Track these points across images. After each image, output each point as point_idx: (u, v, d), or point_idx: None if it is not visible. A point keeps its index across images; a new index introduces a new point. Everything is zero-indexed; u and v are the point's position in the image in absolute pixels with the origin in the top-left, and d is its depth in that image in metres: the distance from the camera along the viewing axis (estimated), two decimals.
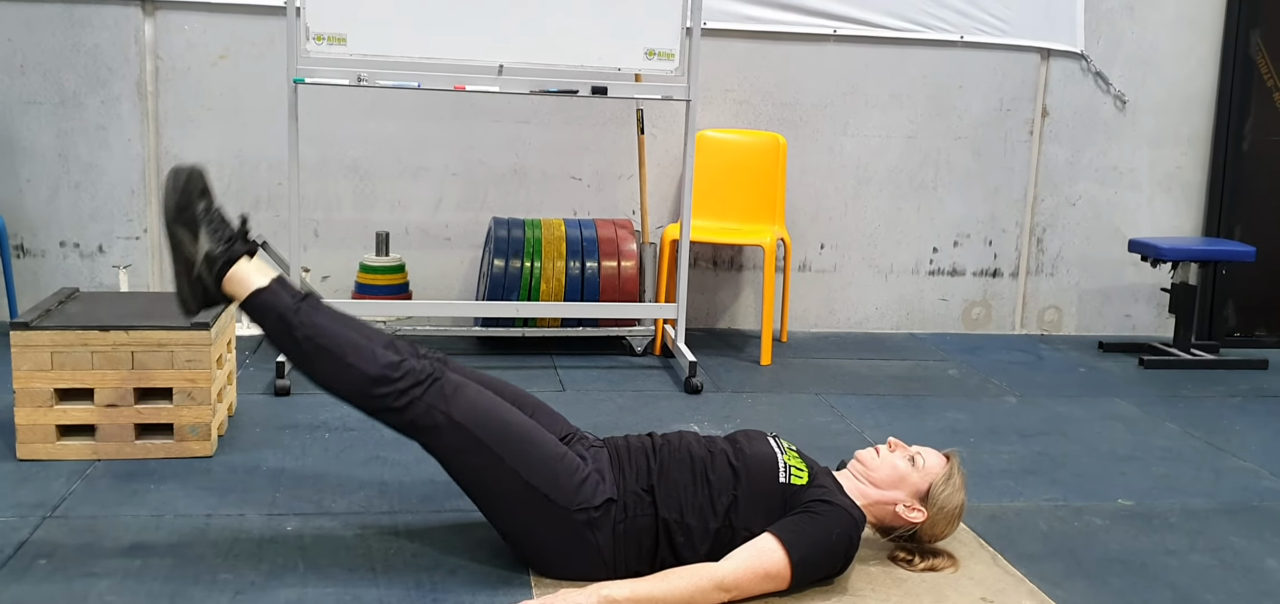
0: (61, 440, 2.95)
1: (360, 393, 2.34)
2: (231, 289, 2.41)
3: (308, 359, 2.36)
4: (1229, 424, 3.85)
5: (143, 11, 4.36)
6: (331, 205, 4.60)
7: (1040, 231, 5.17)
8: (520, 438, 2.33)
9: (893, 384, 4.17)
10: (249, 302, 2.40)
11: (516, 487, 2.29)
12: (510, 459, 2.30)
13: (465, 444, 2.31)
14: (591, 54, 3.87)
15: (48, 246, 4.47)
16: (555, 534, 2.30)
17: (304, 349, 2.36)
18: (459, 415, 2.31)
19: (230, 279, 2.41)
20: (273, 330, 2.39)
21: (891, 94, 4.91)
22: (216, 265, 2.40)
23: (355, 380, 2.33)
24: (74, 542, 2.45)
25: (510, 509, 2.33)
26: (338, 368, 2.34)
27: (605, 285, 4.28)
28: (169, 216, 2.39)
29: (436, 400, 2.32)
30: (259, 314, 2.40)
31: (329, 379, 2.36)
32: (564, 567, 2.34)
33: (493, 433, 2.32)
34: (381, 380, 2.32)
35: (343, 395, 2.37)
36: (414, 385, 2.32)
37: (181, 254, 2.41)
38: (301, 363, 2.38)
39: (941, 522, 2.46)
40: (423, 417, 2.32)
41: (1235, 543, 2.77)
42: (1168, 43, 5.08)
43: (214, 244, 2.41)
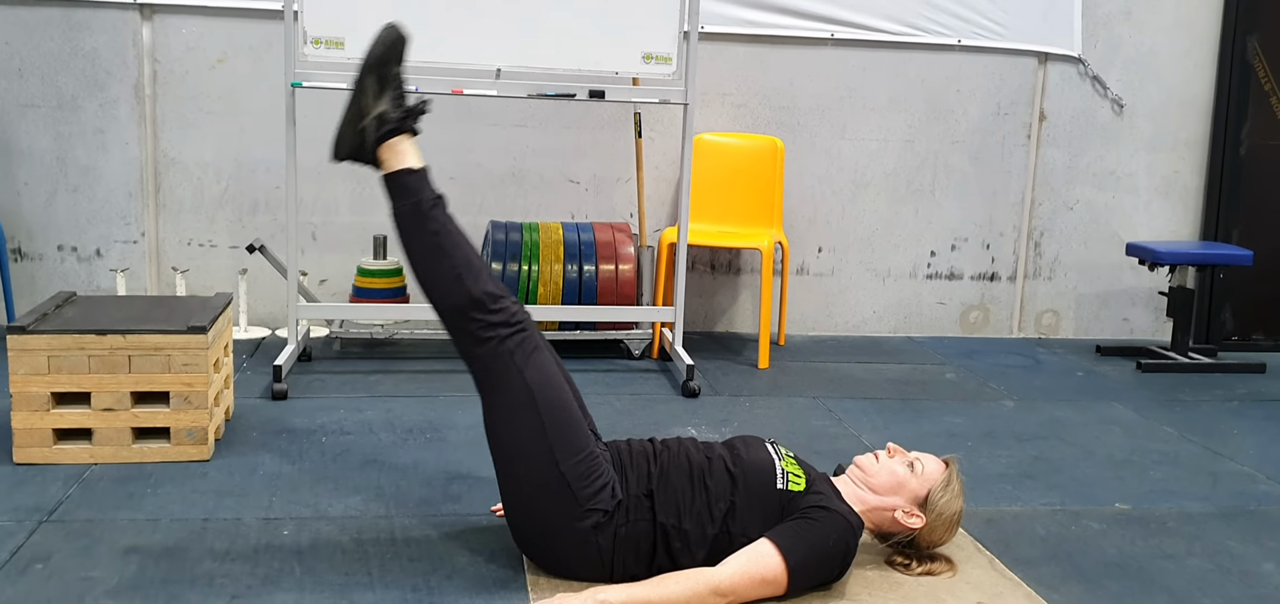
0: (58, 444, 2.94)
1: (456, 308, 2.35)
2: (386, 155, 2.43)
3: (424, 255, 2.38)
4: (1226, 428, 3.85)
5: (141, 15, 4.36)
6: (329, 209, 4.60)
7: (1038, 235, 5.17)
8: (569, 423, 2.33)
9: (890, 388, 4.17)
10: (395, 176, 2.42)
11: (547, 467, 2.29)
12: (552, 437, 2.30)
13: (522, 404, 2.31)
14: (589, 58, 3.87)
15: (45, 250, 4.47)
16: (565, 527, 2.30)
17: (426, 243, 2.38)
18: (529, 375, 2.32)
19: (389, 147, 2.43)
20: (404, 213, 2.41)
21: (889, 98, 4.92)
22: (385, 127, 2.43)
23: (458, 293, 2.35)
24: (71, 546, 2.45)
25: (530, 484, 2.32)
26: (448, 275, 2.36)
27: (603, 289, 4.28)
28: (368, 62, 2.42)
29: (516, 349, 2.33)
30: (399, 192, 2.42)
31: (435, 281, 2.38)
32: (564, 562, 2.34)
33: (549, 406, 2.32)
34: (480, 305, 2.34)
35: (439, 302, 2.38)
36: (504, 325, 2.34)
37: (359, 103, 2.44)
38: (417, 256, 2.40)
39: (940, 528, 2.46)
40: (498, 359, 2.33)
41: (1232, 547, 2.77)
42: (1165, 47, 5.08)
43: (392, 108, 2.44)
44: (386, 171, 2.44)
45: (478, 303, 2.34)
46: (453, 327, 2.37)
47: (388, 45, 2.43)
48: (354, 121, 2.44)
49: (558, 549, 2.33)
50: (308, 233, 4.60)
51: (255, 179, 4.53)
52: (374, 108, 2.43)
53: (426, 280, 2.39)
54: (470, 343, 2.35)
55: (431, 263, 2.38)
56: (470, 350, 2.36)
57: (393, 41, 2.44)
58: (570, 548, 2.32)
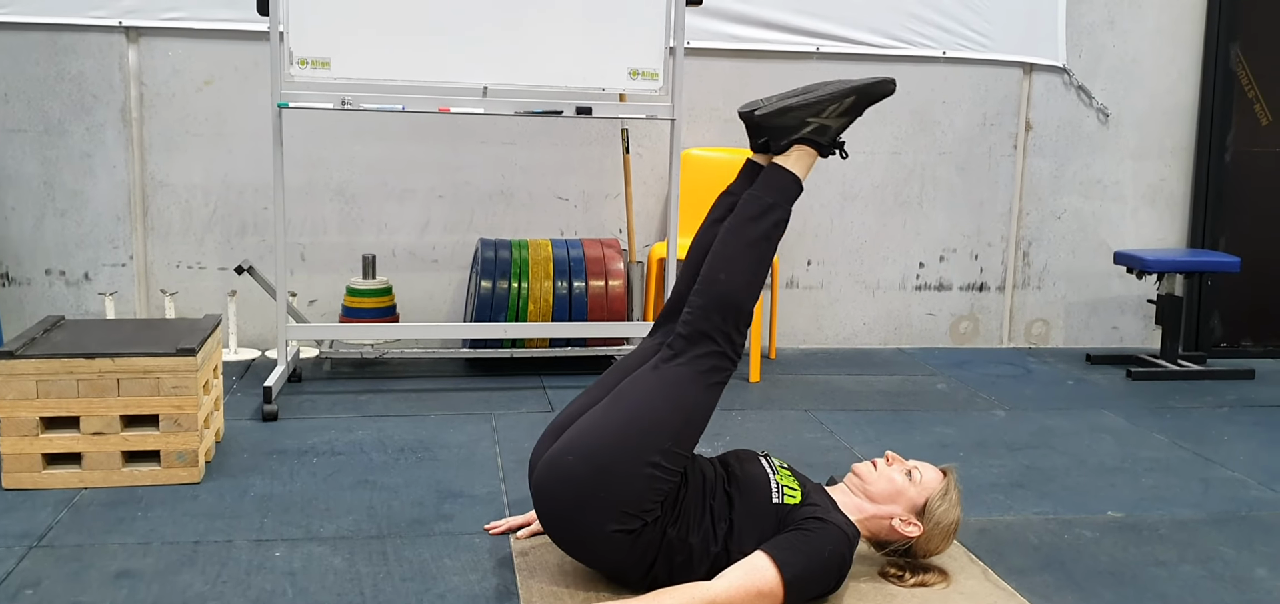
0: (48, 469, 2.93)
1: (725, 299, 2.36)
2: (796, 152, 2.51)
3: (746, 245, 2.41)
4: (1217, 434, 3.86)
5: (127, 38, 4.35)
6: (318, 229, 4.60)
7: (1026, 245, 5.19)
8: (686, 446, 2.34)
9: (881, 399, 4.18)
10: (785, 173, 2.48)
11: (645, 454, 2.26)
12: (670, 445, 2.29)
13: (679, 405, 2.32)
14: (576, 74, 3.88)
15: (33, 275, 4.45)
16: (606, 512, 2.25)
17: (757, 240, 2.43)
18: (707, 396, 2.35)
19: (804, 150, 2.51)
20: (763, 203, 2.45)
21: (875, 110, 4.92)
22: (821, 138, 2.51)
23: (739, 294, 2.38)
24: (61, 571, 2.44)
25: (617, 461, 2.26)
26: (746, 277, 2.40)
27: (593, 305, 4.28)
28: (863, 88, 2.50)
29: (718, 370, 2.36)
30: (776, 184, 2.47)
31: (734, 268, 2.39)
32: (578, 545, 2.32)
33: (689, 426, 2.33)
34: (739, 319, 2.38)
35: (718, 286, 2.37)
36: (734, 348, 2.39)
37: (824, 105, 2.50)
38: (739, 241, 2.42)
39: (937, 537, 2.46)
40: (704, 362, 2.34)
41: (1225, 553, 2.78)
42: (1149, 56, 5.11)
43: (836, 131, 2.53)
44: (783, 163, 2.49)
45: (741, 316, 2.37)
46: (704, 307, 2.37)
47: (883, 92, 2.52)
48: (808, 110, 2.49)
49: (584, 525, 2.28)
50: (296, 253, 4.59)
51: (243, 200, 4.53)
52: (831, 119, 2.50)
53: (727, 263, 2.39)
54: (700, 331, 2.35)
55: (747, 257, 2.40)
56: (693, 335, 2.36)
57: (886, 91, 2.52)
58: (595, 531, 2.27)
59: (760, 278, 2.41)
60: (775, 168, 2.50)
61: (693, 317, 2.37)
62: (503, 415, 3.76)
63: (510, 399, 3.97)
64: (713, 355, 2.35)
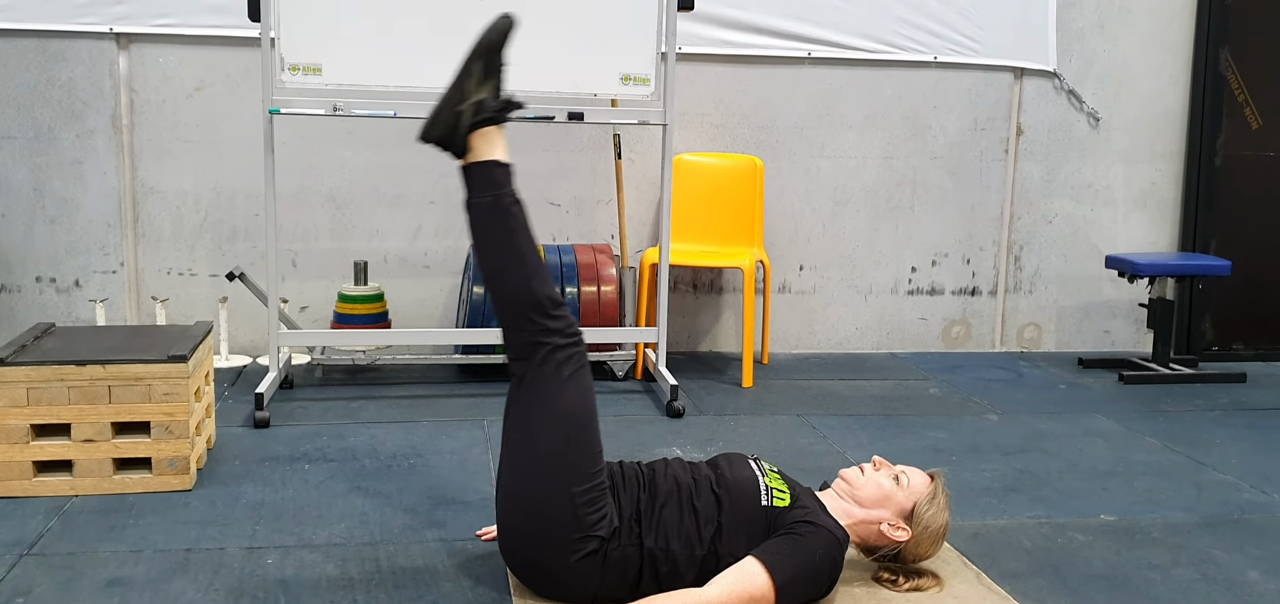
0: (38, 477, 2.92)
1: (519, 305, 2.33)
2: (476, 143, 2.41)
3: (498, 250, 2.37)
4: (1209, 438, 3.87)
5: (117, 45, 4.34)
6: (309, 235, 4.59)
7: (1017, 249, 5.20)
8: (590, 448, 2.32)
9: (874, 404, 4.18)
10: (482, 165, 2.41)
11: (559, 486, 2.26)
12: (572, 458, 2.28)
13: (555, 417, 2.30)
14: (567, 80, 3.88)
15: (23, 282, 4.44)
16: (559, 548, 2.27)
17: (501, 238, 2.37)
18: (569, 391, 2.31)
19: (481, 135, 2.42)
20: (483, 206, 2.39)
21: (867, 115, 4.94)
22: (482, 115, 2.41)
23: (524, 291, 2.33)
24: (52, 579, 2.42)
25: (539, 500, 2.28)
26: (519, 272, 2.34)
27: (585, 310, 4.27)
28: (479, 46, 2.41)
29: (565, 361, 2.32)
30: (481, 183, 2.40)
31: (503, 276, 2.36)
32: (550, 582, 2.32)
33: (579, 428, 2.30)
34: (542, 307, 2.33)
35: (505, 297, 2.35)
36: (560, 333, 2.33)
37: (461, 85, 2.41)
38: (490, 249, 2.38)
39: (926, 541, 2.46)
40: (547, 364, 2.31)
41: (1218, 556, 2.78)
42: (1139, 60, 5.13)
43: (492, 97, 2.43)
44: (473, 160, 2.42)
45: (540, 305, 2.33)
46: (512, 324, 2.35)
47: (501, 32, 2.42)
48: (453, 103, 2.42)
49: (547, 567, 2.31)
50: (288, 260, 4.58)
51: (234, 207, 4.52)
52: (475, 93, 2.42)
53: (495, 275, 2.37)
54: (524, 341, 2.34)
55: (504, 259, 2.36)
56: (522, 348, 2.34)
57: (505, 30, 2.43)
58: (560, 568, 2.29)
59: (528, 264, 2.36)
60: (471, 168, 2.43)
61: (508, 336, 2.37)
62: (495, 421, 3.75)
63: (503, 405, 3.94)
64: (549, 353, 2.33)
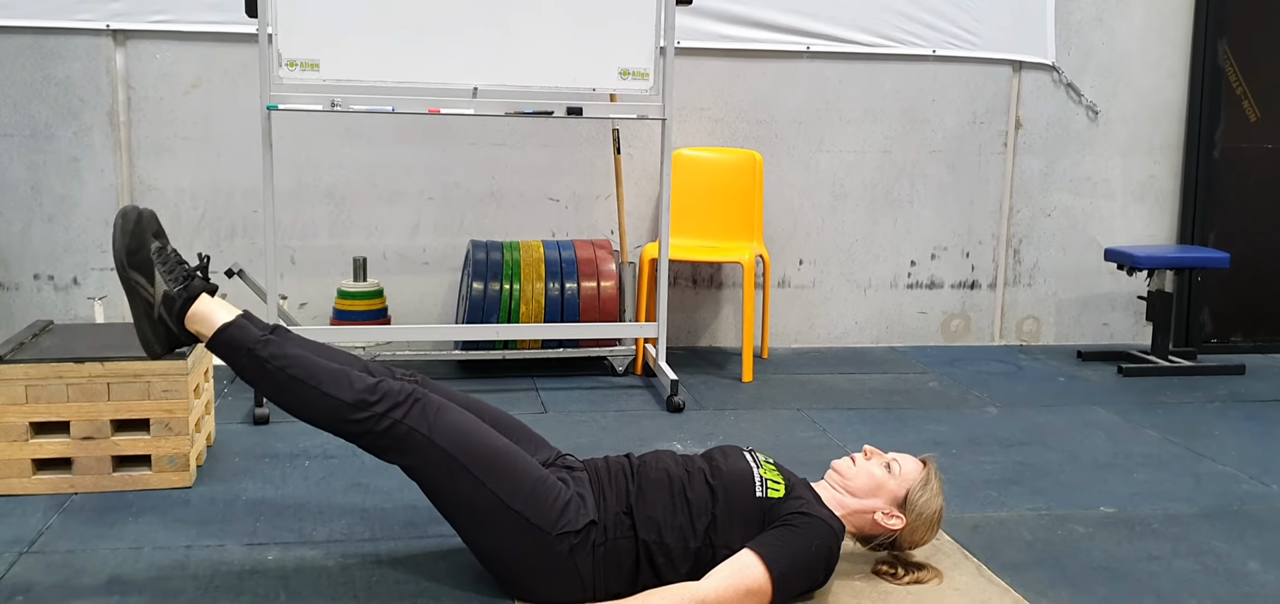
0: (37, 474, 2.91)
1: (339, 419, 2.31)
2: (195, 327, 2.39)
3: (282, 391, 2.34)
4: (1208, 429, 3.87)
5: (114, 41, 4.33)
6: (308, 232, 4.58)
7: (1017, 243, 5.20)
8: (502, 461, 2.30)
9: (874, 398, 4.18)
10: (215, 339, 2.37)
11: (497, 510, 2.27)
12: (491, 482, 2.27)
13: (446, 466, 2.28)
14: (566, 75, 3.87)
15: (21, 280, 4.43)
16: (536, 558, 2.28)
17: (277, 382, 2.33)
18: (440, 438, 2.29)
19: (192, 317, 2.39)
20: (243, 367, 2.36)
21: (865, 109, 4.94)
22: (176, 305, 2.38)
23: (332, 408, 2.31)
24: (51, 578, 2.42)
25: (491, 532, 2.30)
26: (313, 398, 2.31)
27: (585, 306, 4.27)
28: (120, 261, 2.37)
29: (417, 423, 2.29)
30: (227, 351, 2.37)
31: (305, 410, 2.34)
32: (545, 591, 2.32)
33: (474, 455, 2.29)
34: (359, 406, 2.29)
35: (321, 424, 2.34)
36: (393, 407, 2.30)
37: (139, 297, 2.39)
38: (276, 395, 2.36)
39: (920, 528, 2.45)
40: (403, 439, 2.29)
41: (1218, 547, 2.79)
42: (1137, 53, 5.12)
43: (171, 284, 2.39)
44: (207, 341, 2.39)
45: (355, 406, 2.29)
46: (346, 435, 2.33)
47: (129, 234, 2.37)
48: (147, 318, 2.40)
49: (539, 580, 2.31)
50: (286, 257, 4.57)
51: (232, 204, 4.51)
52: (155, 295, 2.39)
53: (298, 412, 2.34)
54: (370, 439, 2.31)
55: (293, 395, 2.33)
56: (375, 445, 2.32)
57: (132, 228, 2.37)
58: (550, 576, 2.29)
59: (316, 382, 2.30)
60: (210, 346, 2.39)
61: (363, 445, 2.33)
62: None
63: (503, 401, 3.96)
64: (399, 433, 2.29)
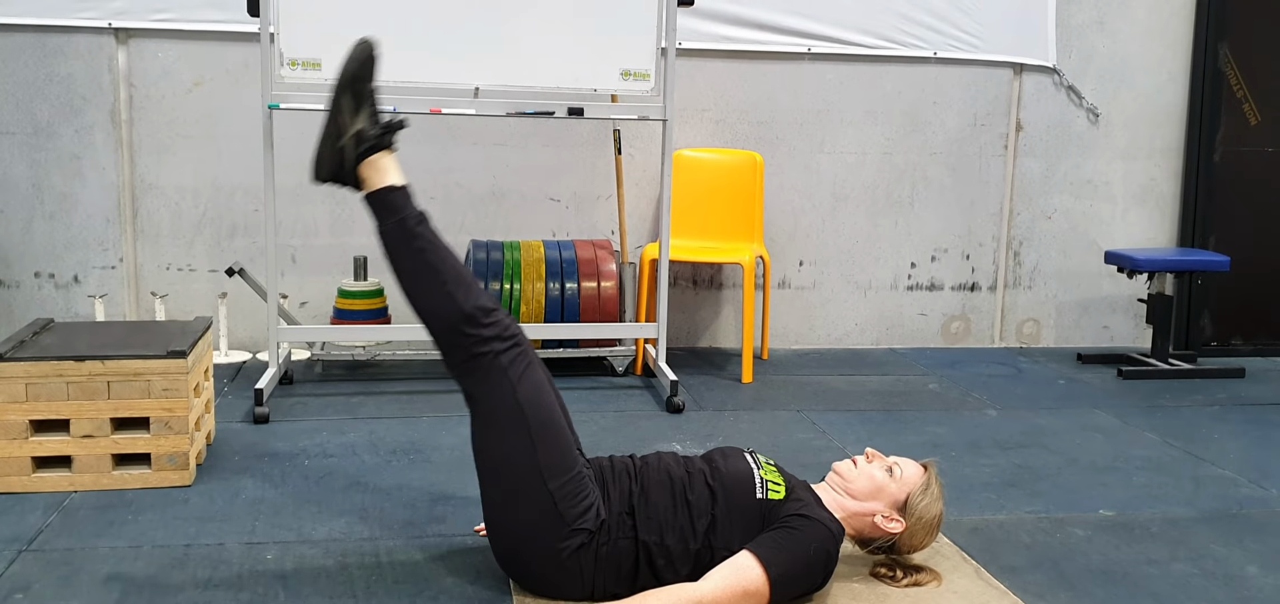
0: (37, 472, 2.92)
1: (448, 324, 2.32)
2: (366, 173, 2.41)
3: (413, 273, 2.35)
4: (1207, 433, 3.87)
5: (116, 40, 4.34)
6: (309, 231, 4.58)
7: (1017, 245, 5.20)
8: (558, 442, 2.31)
9: (873, 399, 4.18)
10: (378, 194, 2.40)
11: (533, 481, 2.27)
12: (541, 456, 2.27)
13: (512, 421, 2.29)
14: (567, 75, 3.88)
15: (22, 278, 4.43)
16: (547, 547, 2.28)
17: (413, 261, 2.35)
18: (522, 391, 2.30)
19: (370, 164, 2.41)
20: (389, 232, 2.38)
21: (866, 111, 4.94)
22: (364, 145, 2.41)
23: (449, 309, 2.32)
24: (51, 575, 2.43)
25: (515, 501, 2.29)
26: (438, 290, 2.33)
27: (585, 306, 4.27)
28: (344, 80, 2.40)
29: (509, 365, 2.30)
30: (382, 210, 2.39)
31: (425, 297, 2.35)
32: (545, 579, 2.32)
33: (540, 424, 2.29)
34: (472, 319, 2.31)
35: (430, 319, 2.34)
36: (498, 338, 2.32)
37: (336, 121, 2.41)
38: (405, 274, 2.37)
39: (920, 532, 2.46)
40: (491, 374, 2.30)
41: (1216, 551, 2.79)
42: (1138, 56, 5.13)
43: (370, 125, 2.42)
44: (368, 190, 2.41)
45: (470, 318, 2.31)
46: (444, 343, 2.35)
47: (361, 61, 2.41)
48: (332, 140, 2.42)
49: (539, 568, 2.31)
50: (287, 255, 4.58)
51: (233, 202, 4.52)
52: (351, 126, 2.41)
53: (415, 297, 2.36)
54: (462, 358, 2.33)
55: (420, 280, 2.35)
56: (462, 366, 2.34)
57: (365, 57, 2.42)
58: (552, 568, 2.30)
59: (447, 281, 2.34)
60: (369, 198, 2.42)
61: (449, 359, 2.36)
62: None
63: None
64: (490, 361, 2.31)
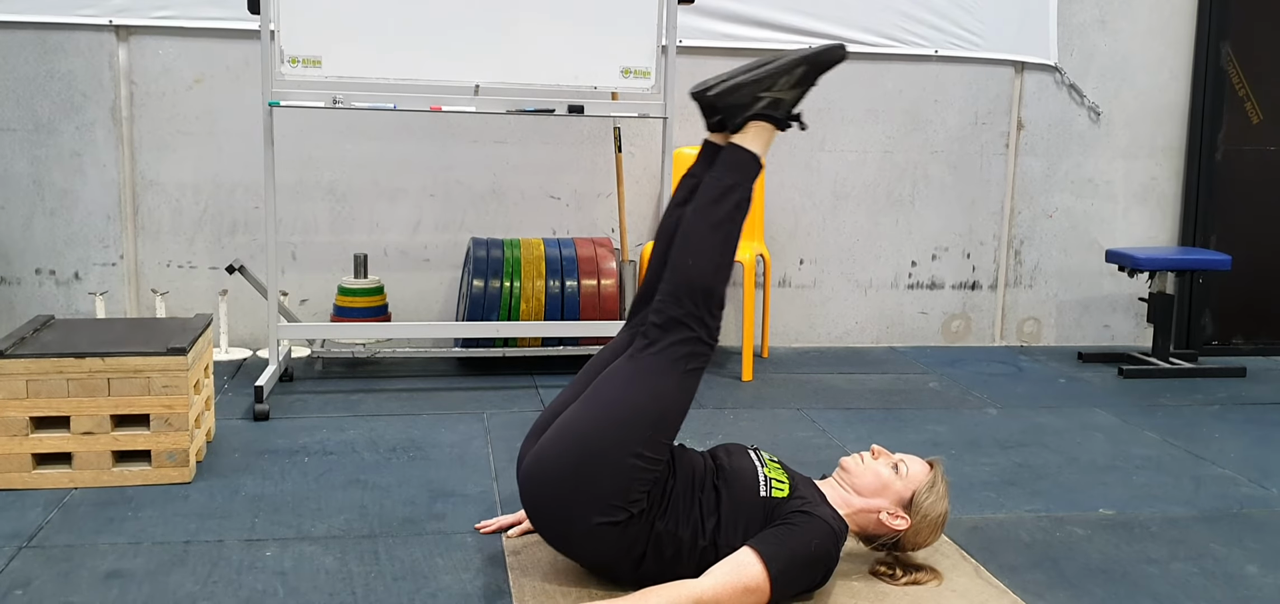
0: (38, 469, 2.92)
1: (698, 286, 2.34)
2: (753, 129, 2.46)
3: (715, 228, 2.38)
4: (1208, 432, 3.87)
5: (117, 37, 4.34)
6: (309, 228, 4.58)
7: (1018, 244, 5.20)
8: (668, 437, 2.33)
9: (874, 398, 4.18)
10: (745, 151, 2.43)
11: (624, 446, 2.26)
12: (651, 432, 2.28)
13: (655, 392, 2.30)
14: (568, 73, 3.88)
15: (23, 274, 4.44)
16: (591, 503, 2.25)
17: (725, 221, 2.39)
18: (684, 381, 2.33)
19: (761, 127, 2.46)
20: (727, 186, 2.40)
21: (867, 109, 4.94)
22: (776, 111, 2.46)
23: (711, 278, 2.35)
24: (51, 571, 2.43)
25: (600, 450, 2.26)
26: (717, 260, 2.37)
27: (585, 304, 4.27)
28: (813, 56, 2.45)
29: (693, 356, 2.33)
30: (736, 168, 2.43)
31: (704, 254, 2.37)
32: (565, 540, 2.32)
33: (667, 415, 2.32)
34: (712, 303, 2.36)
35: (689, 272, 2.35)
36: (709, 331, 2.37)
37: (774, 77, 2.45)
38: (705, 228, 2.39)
39: (925, 530, 2.46)
40: (680, 348, 2.32)
41: (1216, 550, 2.78)
42: (1140, 55, 5.12)
43: (791, 103, 2.47)
44: (742, 142, 2.44)
45: (714, 299, 2.35)
46: (676, 295, 2.35)
47: (834, 58, 2.47)
48: (758, 84, 2.44)
49: (570, 518, 2.28)
50: (287, 253, 4.58)
51: (234, 199, 4.52)
52: (782, 91, 2.45)
53: (696, 249, 2.37)
54: (673, 318, 2.33)
55: (715, 239, 2.37)
56: (667, 324, 2.34)
57: (838, 57, 2.47)
58: (582, 526, 2.27)
59: (728, 259, 2.39)
60: (733, 147, 2.46)
61: (664, 304, 2.36)
62: (495, 414, 3.75)
63: (502, 398, 3.96)
64: (688, 342, 2.33)
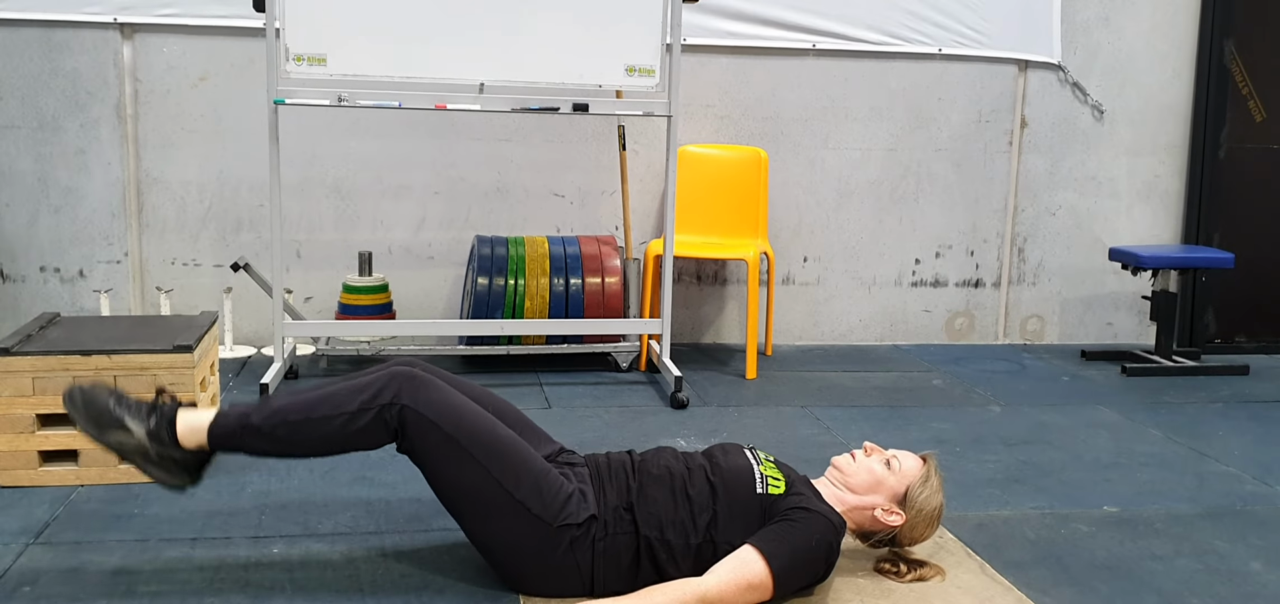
0: (44, 466, 2.92)
1: (348, 431, 2.27)
2: (193, 441, 2.30)
3: (291, 442, 2.30)
4: (1211, 429, 3.87)
5: (121, 35, 4.34)
6: (313, 226, 4.59)
7: (1021, 241, 5.20)
8: (504, 449, 2.30)
9: (878, 395, 4.18)
10: (212, 436, 2.30)
11: (499, 498, 2.27)
12: (495, 470, 2.27)
13: (447, 449, 2.26)
14: (572, 71, 3.88)
15: (28, 272, 4.44)
16: (536, 550, 2.29)
17: (280, 436, 2.28)
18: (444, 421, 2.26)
19: (184, 434, 2.30)
20: (250, 445, 2.31)
21: (871, 107, 4.94)
22: (163, 434, 2.29)
23: (340, 425, 2.27)
24: (58, 568, 2.43)
25: (492, 521, 2.29)
26: (320, 428, 2.27)
27: (589, 302, 4.28)
28: (92, 434, 2.30)
29: (417, 406, 2.25)
30: (229, 439, 2.30)
31: (319, 444, 2.30)
32: (545, 584, 2.33)
33: (474, 439, 2.28)
34: (362, 409, 2.26)
35: (339, 447, 2.30)
36: (380, 392, 2.27)
37: (130, 451, 2.30)
38: (290, 449, 2.32)
39: (920, 524, 2.46)
40: (407, 427, 2.26)
41: (1220, 547, 2.79)
42: (1143, 53, 5.12)
43: (145, 422, 2.30)
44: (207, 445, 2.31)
45: (359, 411, 2.26)
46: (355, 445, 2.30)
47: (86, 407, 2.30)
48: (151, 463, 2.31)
49: (537, 573, 2.32)
50: (292, 250, 4.58)
51: (238, 197, 4.52)
52: (140, 441, 2.29)
53: (315, 449, 2.31)
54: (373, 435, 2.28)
55: (302, 437, 2.29)
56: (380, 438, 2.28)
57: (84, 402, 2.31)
58: (551, 568, 2.30)
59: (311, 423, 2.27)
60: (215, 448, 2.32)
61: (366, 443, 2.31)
62: None
63: (507, 396, 3.95)
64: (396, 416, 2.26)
